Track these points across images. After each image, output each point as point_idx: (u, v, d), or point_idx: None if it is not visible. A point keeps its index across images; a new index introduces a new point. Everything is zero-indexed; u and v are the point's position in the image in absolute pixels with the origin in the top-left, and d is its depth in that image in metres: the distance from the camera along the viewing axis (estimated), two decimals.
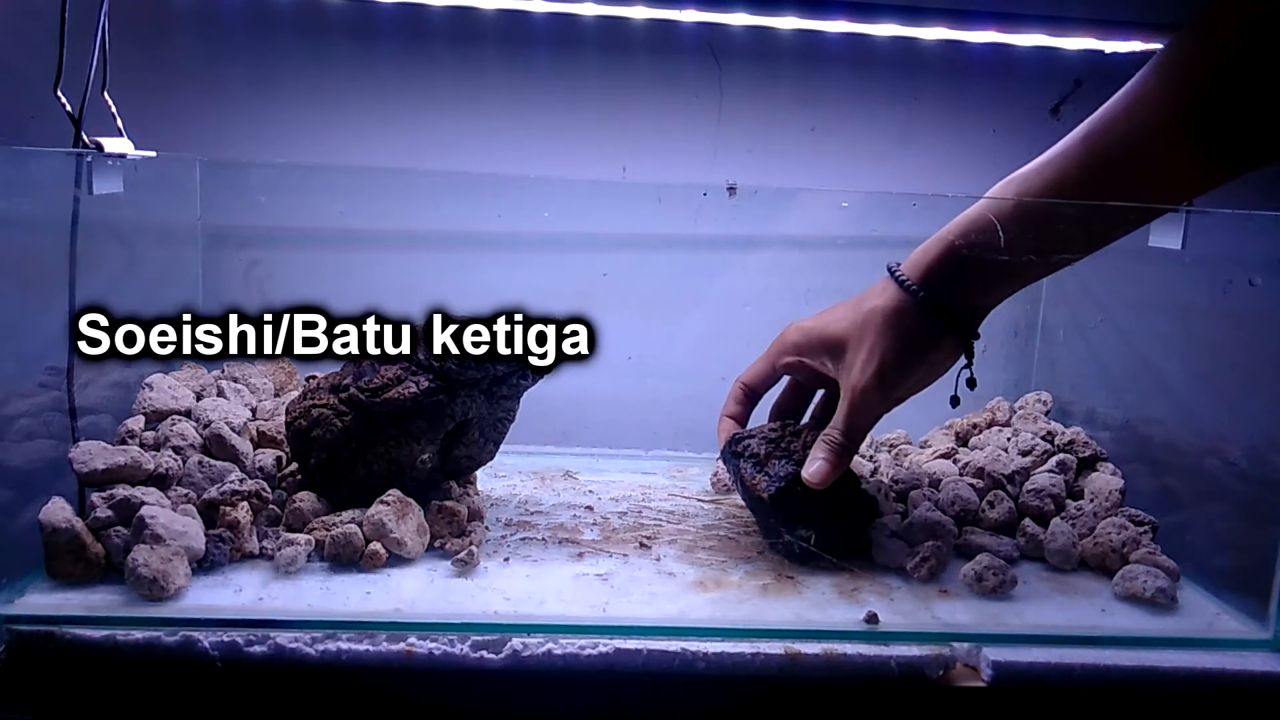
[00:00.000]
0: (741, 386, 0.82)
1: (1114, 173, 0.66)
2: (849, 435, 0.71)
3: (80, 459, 0.66)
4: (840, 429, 0.71)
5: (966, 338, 0.72)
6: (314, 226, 0.94)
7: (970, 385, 0.75)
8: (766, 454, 0.75)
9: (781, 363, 0.80)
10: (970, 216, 0.70)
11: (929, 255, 0.71)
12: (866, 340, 0.71)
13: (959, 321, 0.71)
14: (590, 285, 0.94)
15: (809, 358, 0.77)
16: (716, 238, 0.97)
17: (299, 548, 0.66)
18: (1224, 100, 0.62)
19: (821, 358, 0.76)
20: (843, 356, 0.73)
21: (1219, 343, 0.77)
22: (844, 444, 0.71)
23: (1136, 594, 0.69)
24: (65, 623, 0.59)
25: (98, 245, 0.74)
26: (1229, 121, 0.62)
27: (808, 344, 0.77)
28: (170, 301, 0.89)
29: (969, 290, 0.71)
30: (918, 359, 0.71)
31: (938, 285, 0.70)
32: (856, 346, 0.72)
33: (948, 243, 0.70)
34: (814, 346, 0.76)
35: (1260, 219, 0.70)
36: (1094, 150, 0.66)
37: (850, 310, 0.74)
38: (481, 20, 0.91)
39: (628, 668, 0.61)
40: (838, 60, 0.95)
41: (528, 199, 0.92)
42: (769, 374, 0.81)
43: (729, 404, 0.82)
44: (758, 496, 0.73)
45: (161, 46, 0.92)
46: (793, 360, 0.79)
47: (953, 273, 0.70)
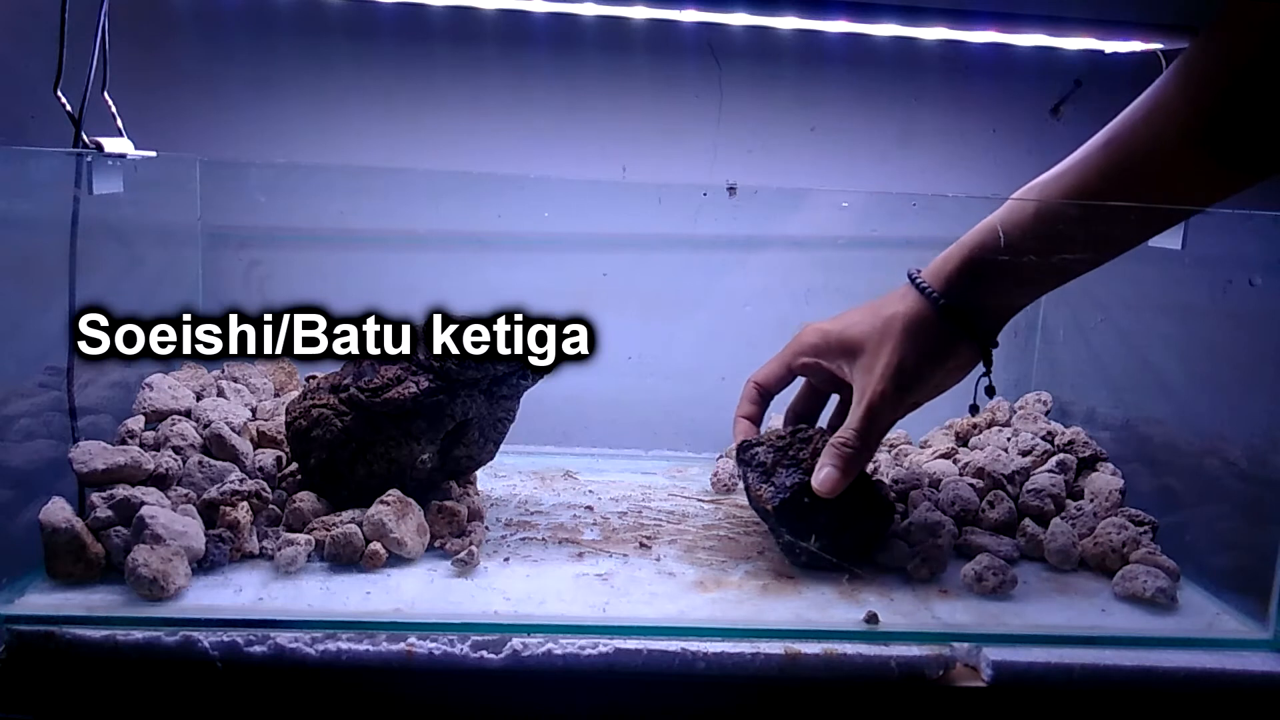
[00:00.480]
0: (755, 386, 0.81)
1: (1134, 179, 0.66)
2: (863, 440, 0.70)
3: (80, 459, 0.66)
4: (854, 434, 0.70)
5: (986, 345, 0.72)
6: (314, 226, 0.94)
7: (989, 393, 0.74)
8: (773, 463, 0.73)
9: (797, 363, 0.79)
10: (991, 223, 0.70)
11: (950, 262, 0.71)
12: (885, 346, 0.71)
13: (979, 328, 0.71)
14: (590, 285, 0.94)
15: (825, 360, 0.76)
16: (716, 238, 0.97)
17: (299, 548, 0.66)
18: (1242, 105, 0.61)
19: (838, 361, 0.75)
20: (859, 361, 0.72)
21: (1219, 343, 0.77)
22: (856, 449, 0.70)
23: (1136, 594, 0.69)
24: (65, 623, 0.59)
25: (98, 245, 0.74)
26: (1247, 127, 0.62)
27: (825, 346, 0.76)
28: (170, 301, 0.89)
29: (989, 297, 0.71)
30: (935, 365, 0.71)
31: (958, 292, 0.70)
32: (875, 352, 0.71)
33: (969, 249, 0.70)
34: (831, 349, 0.75)
35: (1260, 219, 0.70)
36: (1114, 158, 0.66)
37: (869, 315, 0.73)
38: (481, 20, 0.91)
39: (628, 668, 0.60)
40: (838, 60, 0.95)
41: (528, 199, 0.92)
42: (783, 375, 0.80)
43: (743, 404, 0.81)
44: (761, 507, 0.72)
45: (162, 46, 0.92)
46: (809, 362, 0.78)
47: (974, 279, 0.70)
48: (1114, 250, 0.70)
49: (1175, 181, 0.65)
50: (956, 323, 0.70)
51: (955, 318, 0.70)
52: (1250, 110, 0.61)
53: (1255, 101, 0.61)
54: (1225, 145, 0.63)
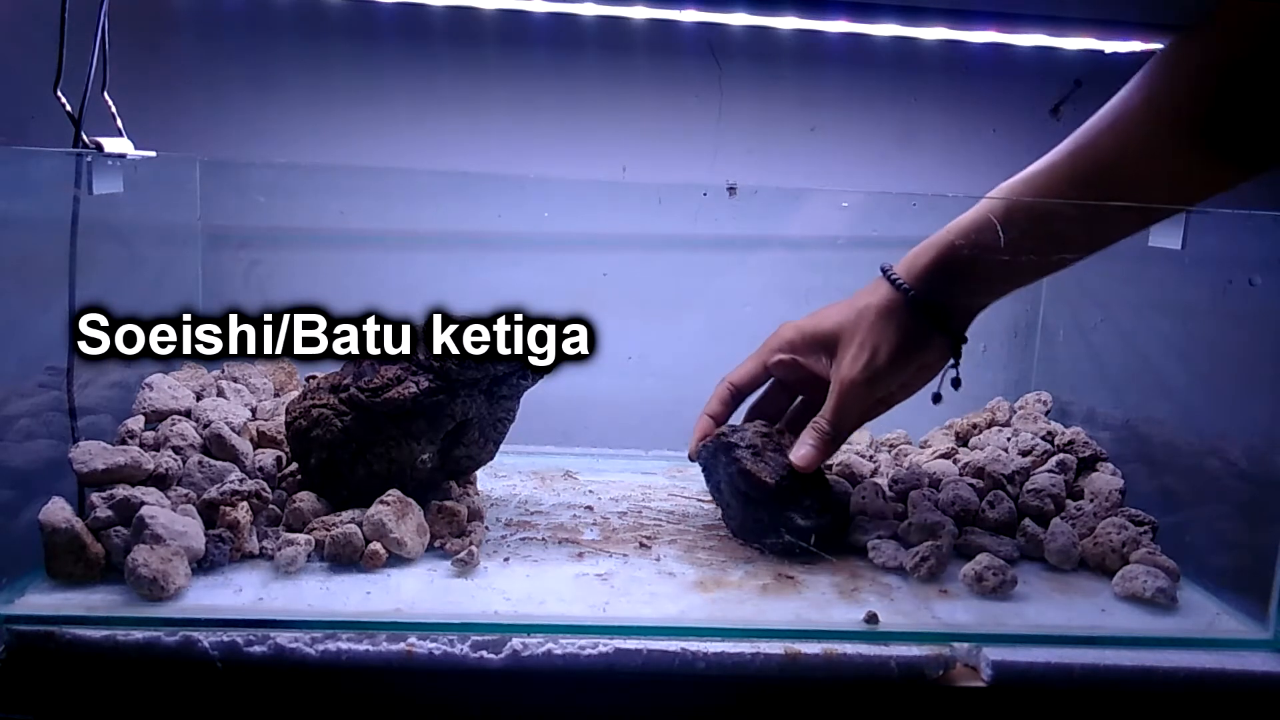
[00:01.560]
0: (729, 387, 0.82)
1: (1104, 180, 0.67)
2: (836, 426, 0.73)
3: (80, 459, 0.66)
4: (828, 419, 0.74)
5: (955, 337, 0.74)
6: (314, 226, 0.95)
7: (955, 385, 0.77)
8: (762, 446, 0.76)
9: (774, 360, 0.80)
10: (962, 219, 0.72)
11: (922, 256, 0.73)
12: (857, 335, 0.73)
13: (947, 321, 0.73)
14: (590, 285, 0.94)
15: (802, 355, 0.78)
16: (716, 238, 0.97)
17: (299, 548, 0.66)
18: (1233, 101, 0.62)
19: (816, 354, 0.77)
20: (834, 352, 0.75)
21: (1219, 342, 0.77)
22: (830, 434, 0.73)
23: (1136, 594, 0.69)
24: (65, 623, 0.59)
25: (98, 245, 0.74)
26: (1237, 123, 0.62)
27: (802, 341, 0.78)
28: (171, 302, 0.89)
29: (959, 291, 0.73)
30: (906, 357, 0.73)
31: (928, 284, 0.72)
32: (848, 341, 0.74)
33: (939, 244, 0.73)
34: (808, 343, 0.78)
35: (1260, 219, 0.71)
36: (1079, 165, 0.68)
37: (844, 308, 0.76)
38: (482, 20, 0.91)
39: (628, 668, 0.61)
40: (838, 60, 0.95)
41: (528, 199, 0.92)
42: (759, 374, 0.82)
43: (712, 403, 0.82)
44: (760, 482, 0.73)
45: (162, 46, 0.92)
46: (785, 358, 0.79)
47: (943, 273, 0.72)
48: (1089, 247, 0.72)
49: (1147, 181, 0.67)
50: (927, 315, 0.72)
51: (926, 310, 0.72)
52: (1246, 105, 0.62)
53: (1251, 96, 0.61)
54: (1215, 139, 0.64)
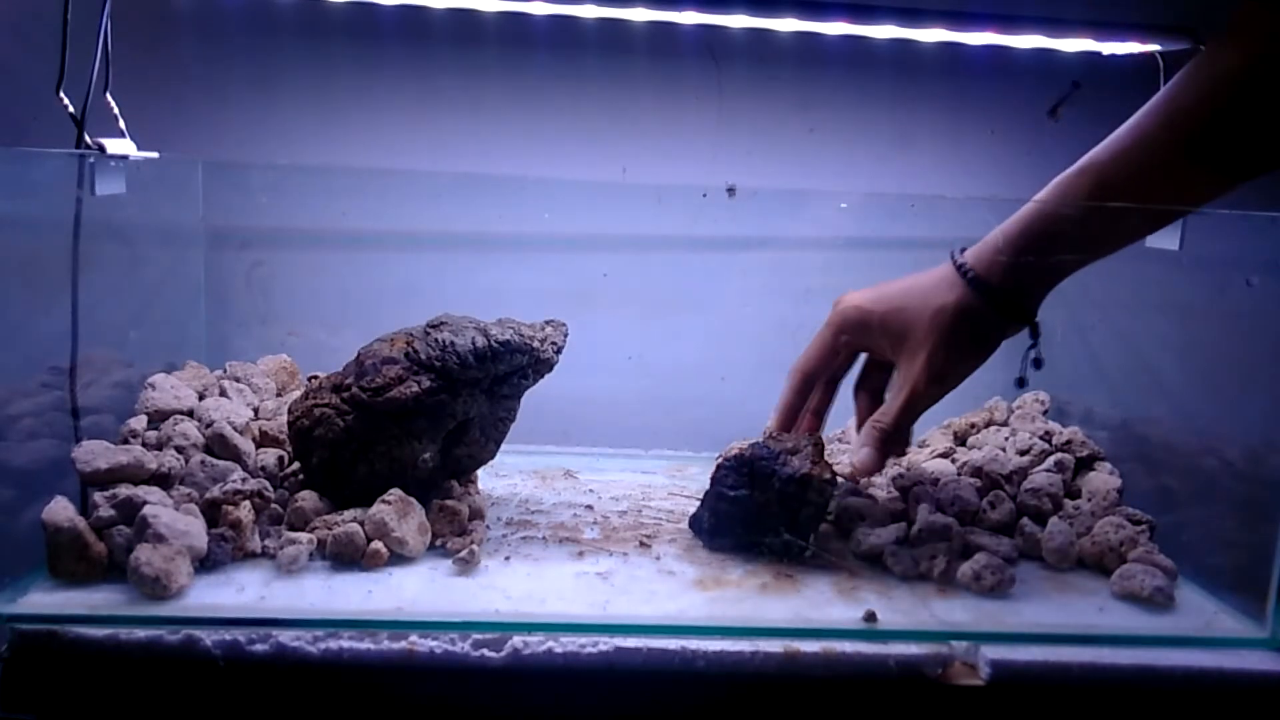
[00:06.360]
0: (802, 376, 0.79)
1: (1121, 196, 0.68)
2: (899, 426, 0.73)
3: (83, 458, 0.67)
4: (892, 420, 0.73)
5: (1033, 324, 0.73)
6: (316, 227, 0.95)
7: (1037, 365, 0.75)
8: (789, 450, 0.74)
9: (841, 342, 0.78)
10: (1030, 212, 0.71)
11: (997, 249, 0.71)
12: (932, 338, 0.72)
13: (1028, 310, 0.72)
14: (590, 286, 0.94)
15: (869, 341, 0.77)
16: (716, 238, 0.97)
17: (301, 547, 0.66)
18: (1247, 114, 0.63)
19: (883, 342, 0.75)
20: (905, 346, 0.73)
21: (1216, 343, 0.77)
22: (893, 434, 0.73)
23: (1134, 593, 0.69)
24: (68, 622, 0.59)
25: (100, 246, 0.74)
26: (1241, 135, 0.63)
27: (868, 328, 0.76)
28: (173, 303, 0.89)
29: (1034, 281, 0.72)
30: (978, 359, 0.73)
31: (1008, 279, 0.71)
32: (922, 341, 0.72)
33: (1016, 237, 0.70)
34: (874, 331, 0.76)
35: (1258, 219, 0.71)
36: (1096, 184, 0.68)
37: (917, 299, 0.73)
38: (482, 22, 0.91)
39: (628, 666, 0.61)
40: (836, 62, 0.95)
41: (528, 200, 0.92)
42: (829, 356, 0.79)
43: (787, 394, 0.79)
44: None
45: (164, 48, 0.92)
46: (851, 341, 0.78)
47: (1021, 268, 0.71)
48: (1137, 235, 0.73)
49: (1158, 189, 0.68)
50: (1009, 311, 0.71)
51: (1007, 306, 0.71)
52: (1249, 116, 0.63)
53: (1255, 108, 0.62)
54: (1217, 151, 0.64)
